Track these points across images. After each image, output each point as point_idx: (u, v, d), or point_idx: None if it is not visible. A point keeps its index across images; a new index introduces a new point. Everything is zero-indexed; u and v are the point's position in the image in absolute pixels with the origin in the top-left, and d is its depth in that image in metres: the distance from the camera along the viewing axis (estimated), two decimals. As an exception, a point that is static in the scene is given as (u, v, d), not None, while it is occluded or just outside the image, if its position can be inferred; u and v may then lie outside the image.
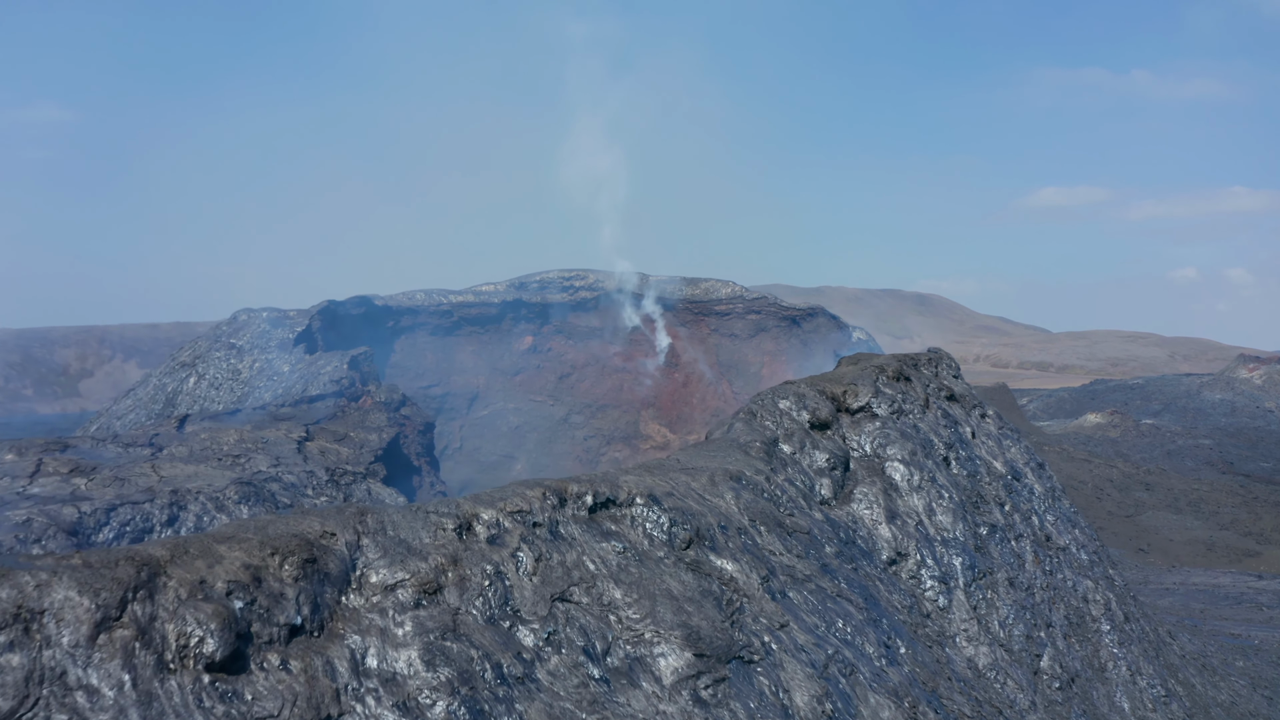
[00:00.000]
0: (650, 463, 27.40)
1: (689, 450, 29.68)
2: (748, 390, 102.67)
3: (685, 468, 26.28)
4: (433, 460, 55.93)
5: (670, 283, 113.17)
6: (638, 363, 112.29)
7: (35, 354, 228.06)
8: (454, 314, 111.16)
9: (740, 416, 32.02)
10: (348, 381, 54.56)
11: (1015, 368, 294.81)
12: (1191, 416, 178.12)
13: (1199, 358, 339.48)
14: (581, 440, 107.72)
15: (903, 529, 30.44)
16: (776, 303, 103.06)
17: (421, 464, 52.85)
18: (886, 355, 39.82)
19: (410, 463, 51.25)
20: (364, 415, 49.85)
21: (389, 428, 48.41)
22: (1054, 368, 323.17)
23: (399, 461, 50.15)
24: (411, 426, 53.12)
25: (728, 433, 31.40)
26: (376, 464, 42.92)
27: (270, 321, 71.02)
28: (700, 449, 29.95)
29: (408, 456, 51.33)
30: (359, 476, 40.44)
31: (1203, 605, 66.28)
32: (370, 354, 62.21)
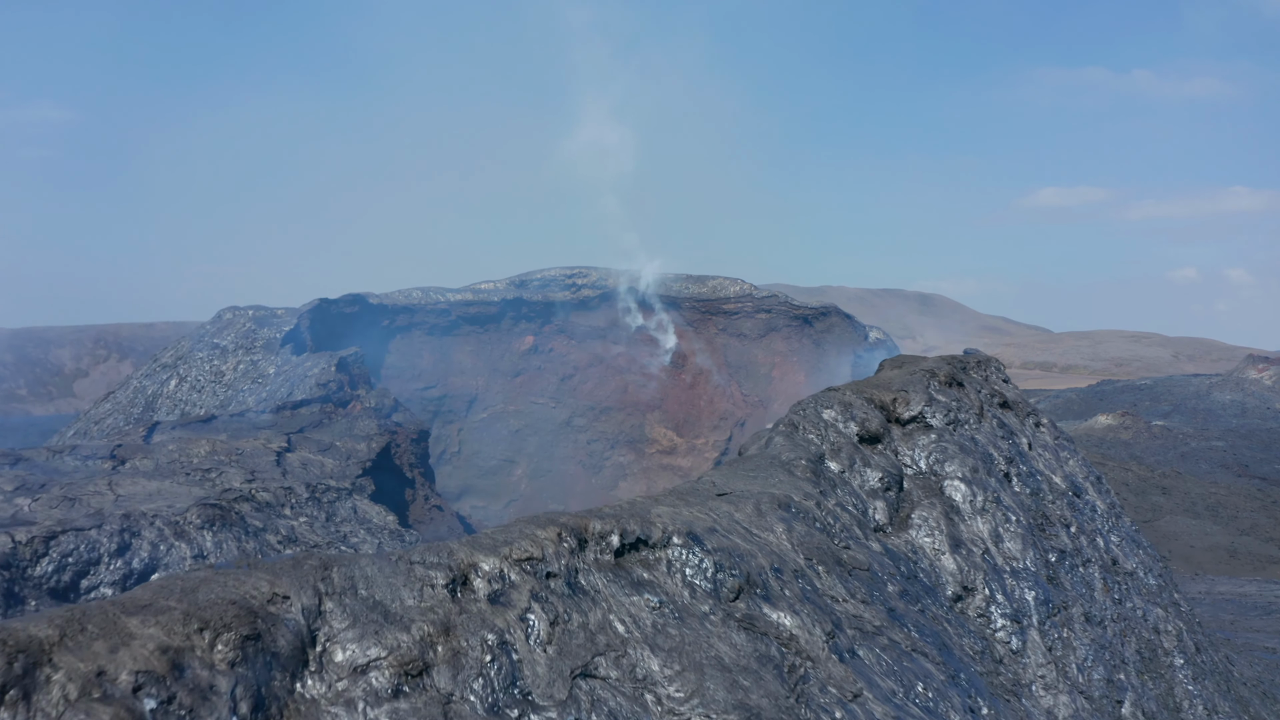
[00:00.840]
0: (682, 487, 23.22)
1: (724, 470, 25.48)
2: (757, 392, 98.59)
3: (724, 493, 22.14)
4: (427, 471, 51.71)
5: (676, 280, 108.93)
6: (643, 363, 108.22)
7: (30, 354, 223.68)
8: (452, 313, 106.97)
9: (780, 429, 27.81)
10: (335, 385, 50.37)
11: (1019, 368, 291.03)
12: (1202, 418, 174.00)
13: (1203, 358, 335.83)
14: (585, 444, 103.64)
15: (968, 559, 26.26)
16: (787, 301, 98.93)
17: (415, 475, 48.60)
18: (935, 358, 35.68)
19: (402, 474, 47.01)
20: (352, 422, 45.66)
21: (379, 436, 44.23)
22: (1058, 368, 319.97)
23: (390, 473, 46.02)
24: (404, 434, 48.90)
25: (766, 448, 27.20)
26: (364, 478, 38.69)
27: (256, 320, 66.80)
28: (736, 468, 25.77)
29: (399, 468, 47.13)
30: (344, 492, 36.20)
31: (1232, 616, 62.21)
32: (360, 355, 57.99)
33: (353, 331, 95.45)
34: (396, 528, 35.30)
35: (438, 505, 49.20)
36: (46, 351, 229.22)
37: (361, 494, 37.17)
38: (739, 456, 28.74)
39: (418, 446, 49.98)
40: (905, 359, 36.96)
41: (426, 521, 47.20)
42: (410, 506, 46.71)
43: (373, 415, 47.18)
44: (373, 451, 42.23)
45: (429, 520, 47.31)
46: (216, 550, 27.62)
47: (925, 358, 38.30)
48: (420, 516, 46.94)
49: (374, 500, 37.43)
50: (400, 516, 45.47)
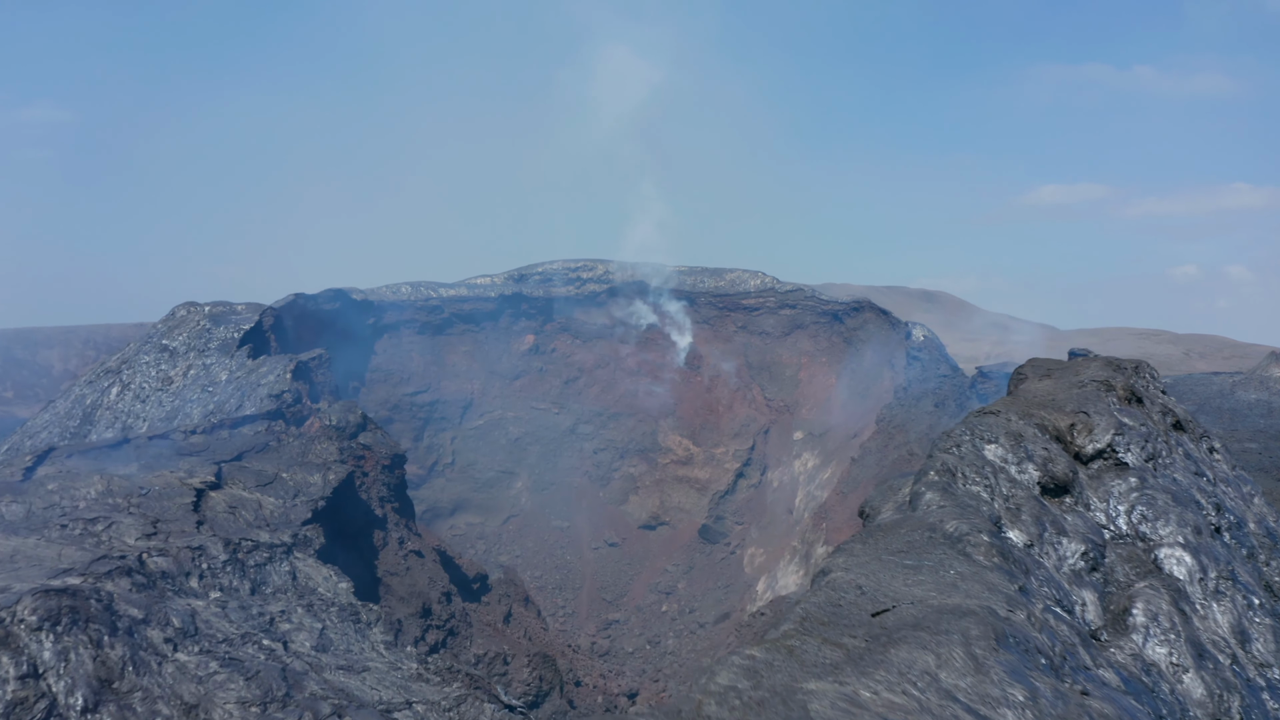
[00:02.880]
0: (813, 605, 13.47)
1: (860, 553, 15.60)
2: (782, 396, 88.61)
3: (883, 609, 12.32)
4: (404, 505, 41.63)
5: (691, 273, 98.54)
6: (654, 365, 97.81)
7: (17, 355, 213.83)
8: (445, 310, 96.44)
9: (929, 480, 17.76)
10: (291, 396, 40.39)
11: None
12: (1228, 418, 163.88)
13: (1214, 355, 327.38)
14: (591, 454, 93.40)
15: (1216, 675, 16.30)
16: (815, 296, 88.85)
17: (387, 511, 38.41)
18: (1097, 362, 25.81)
19: (370, 511, 36.85)
20: (307, 445, 35.73)
21: (339, 465, 34.29)
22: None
23: (353, 511, 35.91)
24: (373, 459, 38.84)
25: (913, 509, 17.21)
26: (312, 526, 28.74)
27: (212, 318, 56.56)
28: (878, 547, 15.85)
29: (367, 503, 37.08)
30: (279, 551, 26.20)
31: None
32: (325, 359, 47.80)
33: (334, 331, 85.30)
34: (350, 601, 25.35)
35: (416, 550, 39.14)
36: (34, 353, 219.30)
37: (306, 550, 27.17)
38: (869, 521, 18.70)
39: (391, 475, 39.96)
40: (1050, 365, 26.97)
41: (401, 573, 37.09)
42: (381, 553, 36.62)
43: (334, 435, 37.26)
44: (330, 485, 32.34)
45: (404, 571, 37.20)
46: (58, 663, 17.64)
47: (1075, 362, 28.35)
48: (394, 566, 36.83)
49: (325, 557, 27.49)
50: (364, 571, 35.24)
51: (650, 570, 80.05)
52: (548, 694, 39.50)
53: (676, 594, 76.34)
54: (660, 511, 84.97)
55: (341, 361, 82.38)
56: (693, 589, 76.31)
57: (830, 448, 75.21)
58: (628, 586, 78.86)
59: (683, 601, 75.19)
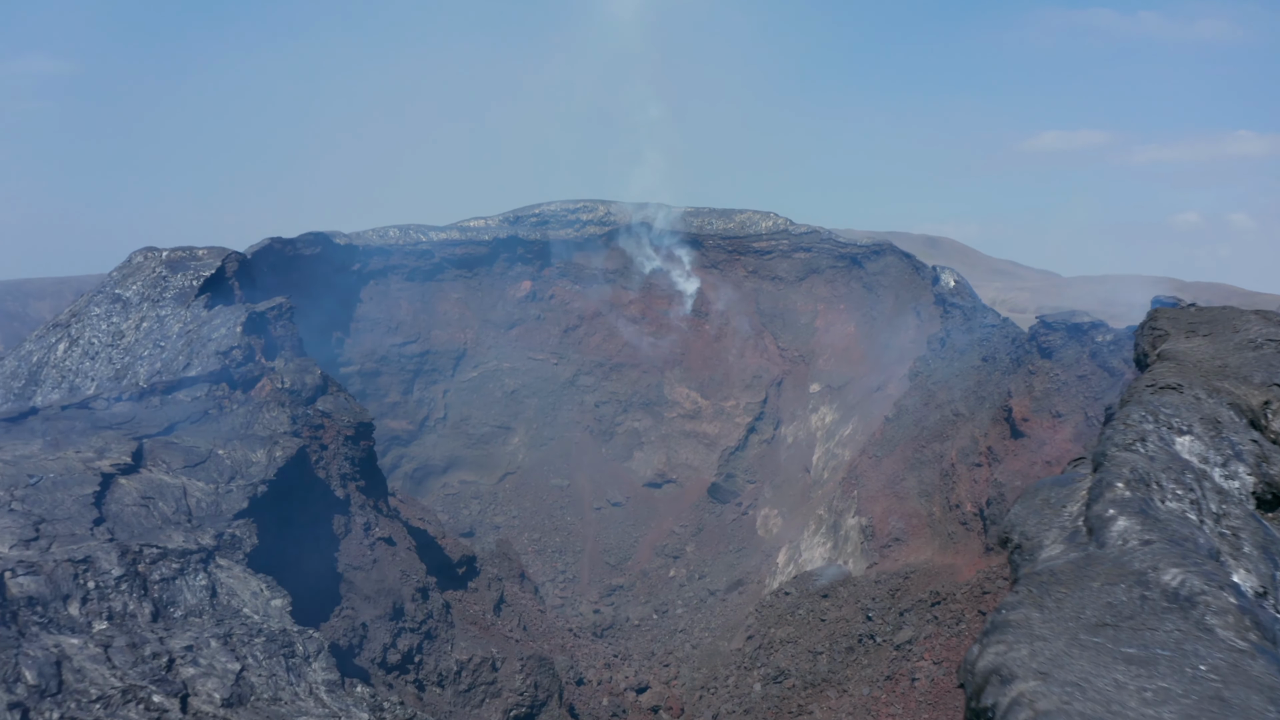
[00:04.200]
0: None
1: (1039, 628, 9.78)
2: (797, 346, 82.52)
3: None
4: (372, 483, 35.63)
5: (698, 215, 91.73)
6: (659, 312, 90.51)
7: (9, 308, 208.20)
8: (435, 255, 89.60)
9: (1117, 495, 11.87)
10: (241, 353, 34.40)
11: (1032, 313, 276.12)
12: None
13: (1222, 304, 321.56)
14: (592, 407, 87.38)
15: None
16: (831, 238, 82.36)
17: (350, 491, 32.45)
18: (1254, 315, 19.91)
19: (328, 493, 30.94)
20: (254, 413, 29.91)
21: (289, 436, 28.47)
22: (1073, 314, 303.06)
23: (306, 494, 30.02)
24: (334, 429, 32.85)
25: (1099, 544, 11.26)
26: (244, 521, 23.08)
27: (170, 265, 50.23)
28: (1064, 612, 9.89)
29: (325, 483, 31.21)
30: (196, 559, 20.48)
31: None
32: (285, 309, 41.46)
33: (316, 279, 78.93)
34: (283, 628, 19.61)
35: (386, 537, 33.31)
36: (25, 305, 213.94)
37: (233, 554, 21.38)
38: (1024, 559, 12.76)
39: (355, 447, 34.05)
40: (1189, 317, 20.97)
41: (367, 566, 31.37)
42: (342, 544, 30.86)
43: (287, 402, 31.44)
44: (275, 463, 26.54)
45: (371, 564, 31.46)
46: None
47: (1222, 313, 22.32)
48: (358, 558, 31.08)
49: (261, 560, 21.71)
50: (318, 568, 29.38)
51: (656, 532, 74.66)
52: (544, 704, 34.07)
53: (684, 558, 70.99)
54: (666, 469, 79.40)
55: (324, 311, 76.26)
56: (702, 553, 70.95)
57: (851, 401, 69.38)
58: (632, 549, 73.52)
59: (691, 566, 69.84)
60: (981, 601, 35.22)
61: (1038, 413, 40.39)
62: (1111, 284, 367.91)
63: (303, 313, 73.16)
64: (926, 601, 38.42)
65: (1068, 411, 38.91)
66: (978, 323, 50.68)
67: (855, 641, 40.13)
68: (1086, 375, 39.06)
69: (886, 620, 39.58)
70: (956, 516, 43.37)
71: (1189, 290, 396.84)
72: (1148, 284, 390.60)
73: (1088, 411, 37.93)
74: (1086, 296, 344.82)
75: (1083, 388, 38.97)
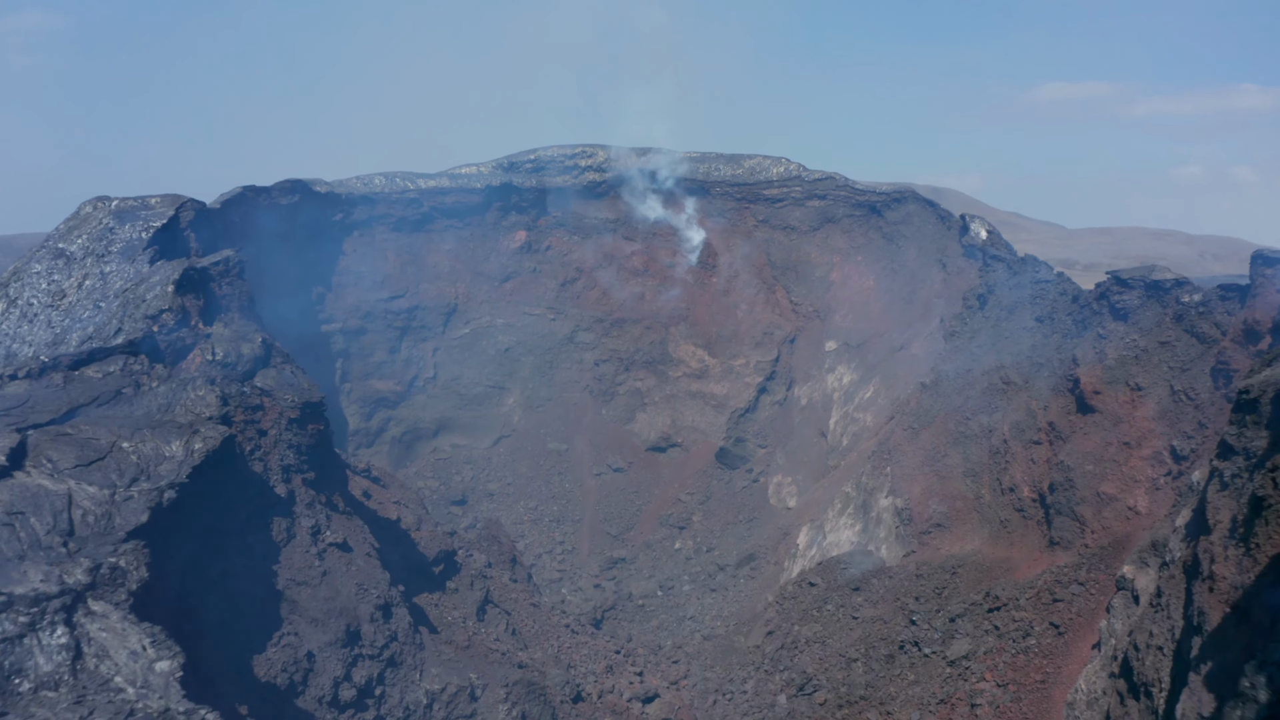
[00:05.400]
0: None
1: None
2: (811, 300, 75.96)
3: None
4: (325, 475, 29.42)
5: (705, 160, 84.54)
6: (663, 264, 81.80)
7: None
8: (424, 204, 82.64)
9: None
10: (174, 318, 28.38)
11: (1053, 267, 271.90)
12: None
13: (1230, 257, 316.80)
14: (592, 365, 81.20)
15: None
16: (848, 185, 75.68)
17: (295, 486, 26.36)
18: None
19: (266, 490, 24.91)
20: (176, 393, 24.04)
21: (214, 422, 22.61)
22: (1080, 265, 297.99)
23: (241, 491, 23.94)
24: (276, 411, 26.78)
25: None
26: (133, 545, 17.50)
27: (117, 215, 44.11)
28: None
29: (263, 478, 25.24)
30: (57, 604, 14.85)
31: None
32: (234, 263, 34.96)
33: (295, 230, 72.33)
34: (163, 711, 13.96)
35: (340, 542, 27.39)
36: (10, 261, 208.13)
37: (112, 595, 15.85)
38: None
39: (302, 432, 27.98)
40: None
41: (315, 581, 25.41)
42: (284, 553, 24.99)
43: (219, 378, 25.54)
44: (193, 458, 20.74)
45: (320, 578, 25.62)
46: None
47: None
48: (304, 571, 25.09)
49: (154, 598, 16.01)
50: (252, 588, 23.79)
51: (660, 500, 69.01)
52: (534, 743, 28.49)
53: (691, 528, 65.37)
54: (671, 432, 73.59)
55: (303, 265, 69.96)
56: (710, 523, 65.30)
57: (871, 361, 63.34)
58: (635, 519, 67.90)
59: (699, 538, 64.24)
60: (1052, 611, 29.47)
61: (1112, 384, 34.37)
62: (1118, 236, 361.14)
63: (279, 268, 66.81)
64: (982, 605, 32.67)
65: (1149, 384, 32.92)
66: (1028, 278, 44.38)
67: (896, 649, 34.46)
68: (1170, 342, 33.02)
69: (934, 626, 33.83)
70: (1010, 502, 37.51)
71: (1197, 243, 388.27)
72: (1154, 237, 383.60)
73: (1174, 385, 31.95)
74: (1094, 249, 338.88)
75: (1166, 356, 32.94)
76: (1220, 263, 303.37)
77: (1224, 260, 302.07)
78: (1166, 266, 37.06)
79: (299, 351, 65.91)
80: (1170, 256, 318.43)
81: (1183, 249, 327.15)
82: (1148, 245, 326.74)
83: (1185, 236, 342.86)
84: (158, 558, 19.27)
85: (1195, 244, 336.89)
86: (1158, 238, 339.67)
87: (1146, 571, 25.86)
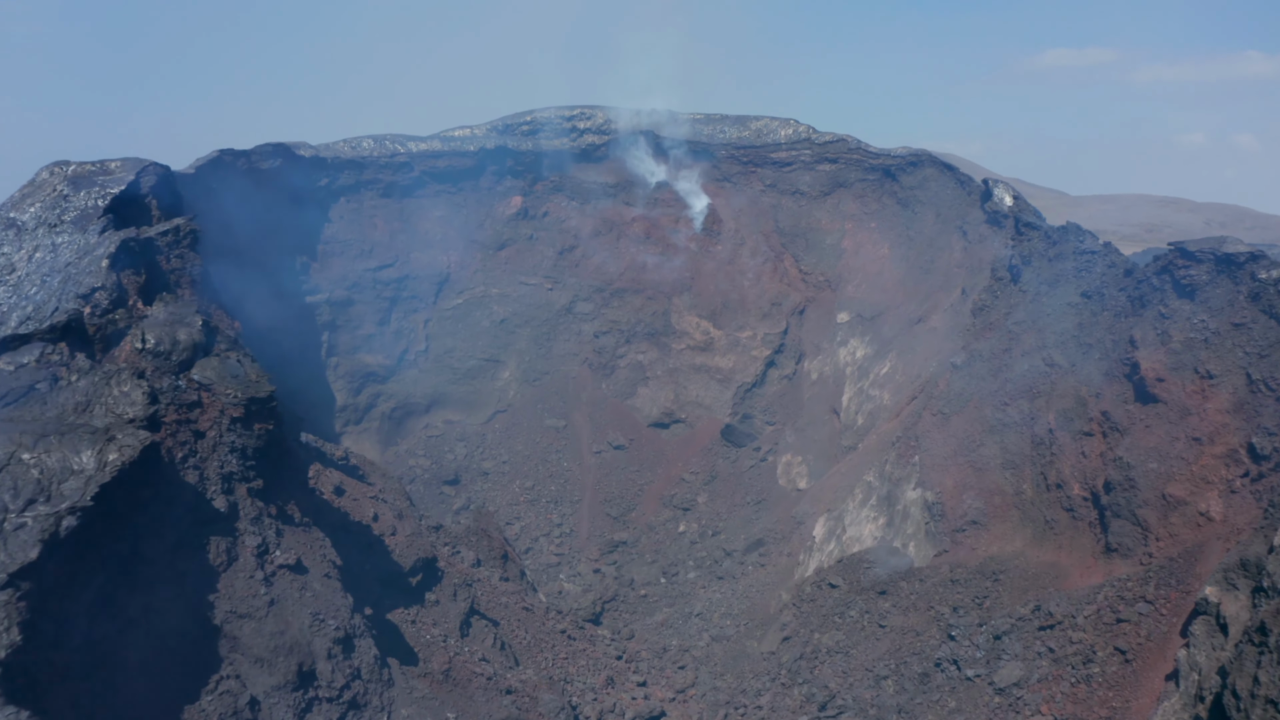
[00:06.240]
0: None
1: None
2: (822, 269, 71.57)
3: None
4: (274, 484, 25.10)
5: (709, 121, 79.81)
6: (665, 231, 75.40)
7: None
8: (415, 168, 77.68)
9: None
10: (108, 296, 24.41)
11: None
12: None
13: (1235, 225, 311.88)
14: (591, 338, 76.79)
15: None
16: (861, 148, 71.15)
17: (239, 497, 22.27)
18: None
19: (202, 504, 20.77)
20: (99, 388, 20.24)
21: (134, 427, 18.66)
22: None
23: (168, 509, 20.19)
24: (216, 409, 22.73)
25: None
26: (4, 595, 13.61)
27: (73, 181, 39.90)
28: None
29: (198, 490, 21.35)
30: None
31: None
32: (185, 233, 30.42)
33: (276, 196, 67.57)
34: None
35: (291, 564, 23.34)
36: None
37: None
38: None
39: (248, 433, 23.89)
40: None
41: (260, 612, 20.98)
42: (221, 580, 21.13)
43: (150, 370, 21.56)
44: (106, 472, 17.00)
45: (266, 609, 21.39)
46: None
47: None
48: (247, 601, 20.93)
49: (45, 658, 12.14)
50: (180, 620, 19.59)
51: (663, 479, 65.17)
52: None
53: (696, 510, 61.58)
54: (674, 407, 69.60)
55: (286, 234, 65.49)
56: (715, 505, 61.49)
57: (887, 335, 59.22)
58: (636, 499, 64.09)
59: (704, 521, 60.45)
60: (1116, 634, 25.57)
61: (1177, 371, 30.35)
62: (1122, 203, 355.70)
63: (259, 237, 62.63)
64: (1031, 621, 28.83)
65: (1221, 372, 28.89)
66: (1069, 248, 40.15)
67: (931, 666, 30.68)
68: (1246, 324, 28.94)
69: (976, 643, 29.99)
70: (1057, 499, 33.57)
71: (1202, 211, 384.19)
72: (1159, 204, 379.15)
73: (1251, 373, 27.92)
74: (1098, 216, 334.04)
75: (1241, 340, 28.88)
76: (1228, 231, 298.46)
77: (1230, 228, 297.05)
78: (1239, 238, 32.89)
79: (281, 325, 61.75)
80: (1176, 224, 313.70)
81: (1188, 217, 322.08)
82: (1153, 212, 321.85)
83: (1190, 204, 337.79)
84: (56, 600, 15.48)
85: (1201, 212, 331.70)
86: (1162, 205, 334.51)
87: (1235, 596, 21.97)
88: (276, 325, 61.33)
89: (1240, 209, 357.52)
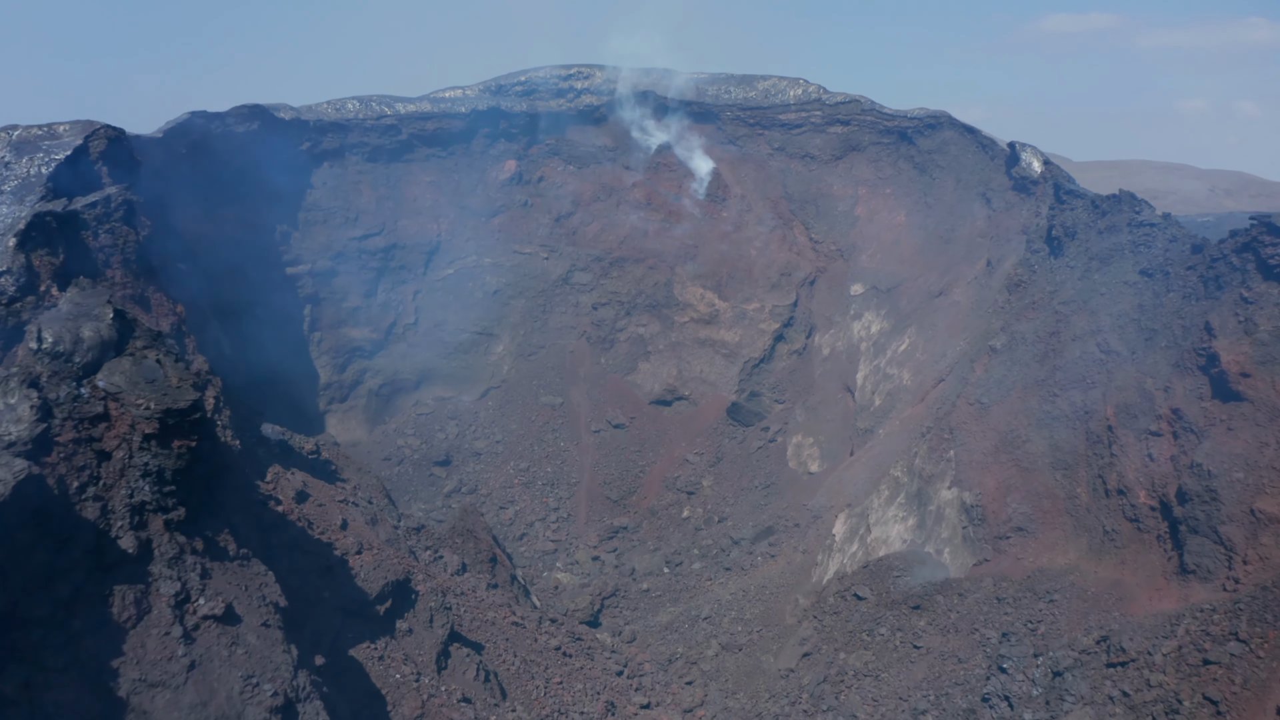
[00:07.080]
0: None
1: None
2: (834, 238, 66.93)
3: None
4: (201, 515, 20.94)
5: (713, 81, 74.62)
6: (668, 197, 70.39)
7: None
8: (403, 131, 72.36)
9: None
10: (14, 282, 20.26)
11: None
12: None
13: (1241, 193, 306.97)
14: (589, 310, 72.23)
15: None
16: (875, 109, 66.47)
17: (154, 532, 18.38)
18: None
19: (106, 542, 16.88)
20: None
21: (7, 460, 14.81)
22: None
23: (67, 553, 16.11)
24: (123, 424, 18.68)
25: None
26: None
27: (16, 148, 35.63)
28: None
29: (100, 525, 17.42)
30: None
31: None
32: (117, 204, 26.63)
33: (255, 161, 63.11)
34: None
35: (217, 614, 19.07)
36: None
37: None
38: None
39: (165, 454, 19.71)
40: None
41: (175, 679, 17.53)
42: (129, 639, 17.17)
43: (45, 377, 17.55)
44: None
45: (182, 674, 17.65)
46: None
47: None
48: (158, 667, 17.16)
49: None
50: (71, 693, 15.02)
51: (666, 461, 61.23)
52: None
53: (701, 494, 57.73)
54: (677, 384, 65.55)
55: (265, 201, 61.19)
56: (722, 488, 57.59)
57: (905, 309, 55.02)
58: (637, 482, 60.20)
59: (709, 505, 56.60)
60: (1204, 678, 21.59)
61: (1266, 365, 26.29)
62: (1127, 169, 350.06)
63: (234, 205, 58.26)
64: (1098, 655, 24.93)
65: (1321, 364, 24.92)
66: (1123, 219, 35.89)
67: (978, 701, 26.84)
68: (1349, 307, 24.93)
69: (1031, 678, 26.08)
70: (1119, 507, 29.63)
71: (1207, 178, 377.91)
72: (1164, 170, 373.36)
73: (1357, 366, 23.94)
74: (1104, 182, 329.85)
75: (1344, 327, 24.88)
76: (1233, 198, 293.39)
77: (1236, 195, 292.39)
78: None
79: (260, 298, 57.42)
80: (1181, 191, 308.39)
81: (1194, 183, 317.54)
82: (1158, 179, 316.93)
83: (1195, 170, 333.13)
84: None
85: (1206, 178, 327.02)
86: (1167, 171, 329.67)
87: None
88: (255, 298, 57.07)
89: (1244, 175, 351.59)
